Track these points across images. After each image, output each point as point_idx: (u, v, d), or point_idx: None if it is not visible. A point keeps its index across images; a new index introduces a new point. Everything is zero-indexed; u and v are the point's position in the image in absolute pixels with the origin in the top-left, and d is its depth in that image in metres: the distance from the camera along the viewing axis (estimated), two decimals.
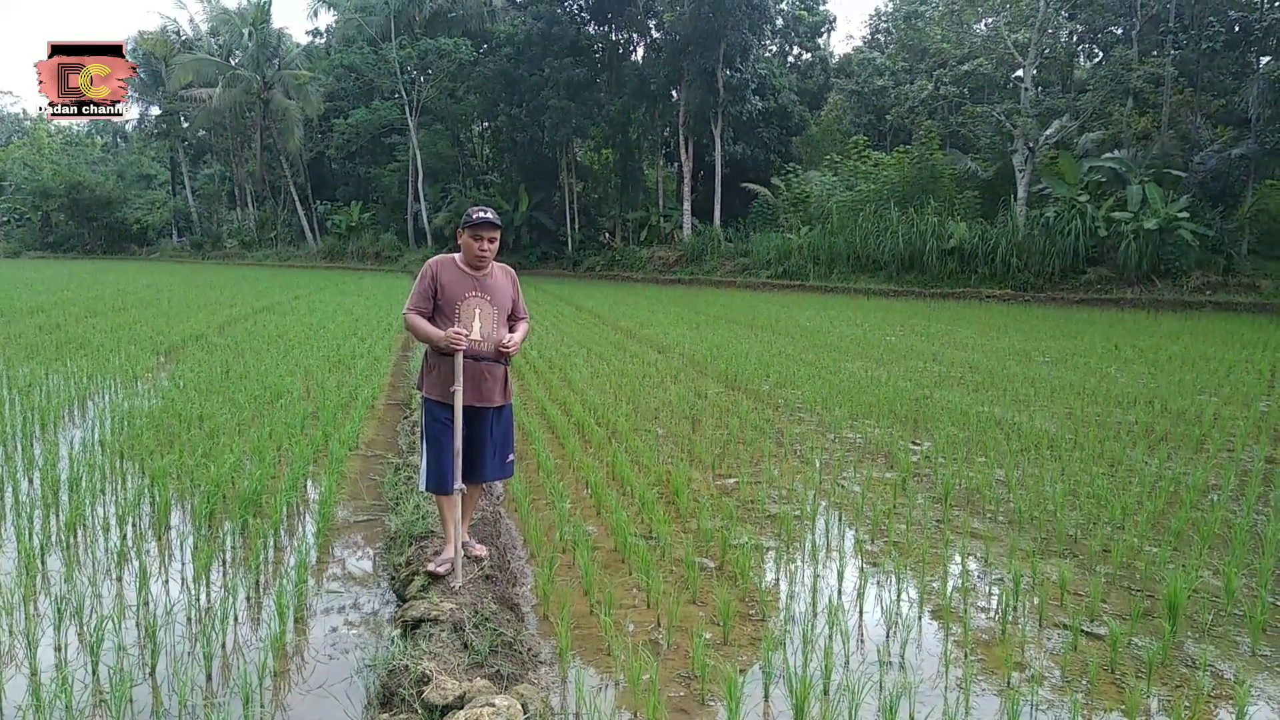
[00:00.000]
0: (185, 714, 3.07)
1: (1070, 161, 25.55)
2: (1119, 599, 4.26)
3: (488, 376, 4.24)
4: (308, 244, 47.01)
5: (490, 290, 4.28)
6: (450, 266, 4.29)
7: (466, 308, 4.20)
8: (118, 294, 21.87)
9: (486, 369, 4.23)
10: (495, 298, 4.29)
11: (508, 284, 4.40)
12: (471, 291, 4.22)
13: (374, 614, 4.03)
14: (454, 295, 4.21)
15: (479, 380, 4.21)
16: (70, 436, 7.03)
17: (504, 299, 4.33)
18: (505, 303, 4.33)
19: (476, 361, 4.19)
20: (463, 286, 4.22)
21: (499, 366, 4.29)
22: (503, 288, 4.34)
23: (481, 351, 4.20)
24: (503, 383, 4.34)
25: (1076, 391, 9.55)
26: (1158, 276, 23.02)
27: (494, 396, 4.28)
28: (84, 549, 4.66)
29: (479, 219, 4.19)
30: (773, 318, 18.35)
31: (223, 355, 11.12)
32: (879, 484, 6.18)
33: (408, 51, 39.64)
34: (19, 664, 3.38)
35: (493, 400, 4.28)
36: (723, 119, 34.28)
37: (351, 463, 6.47)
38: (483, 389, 4.23)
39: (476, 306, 4.22)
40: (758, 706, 3.26)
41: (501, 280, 4.37)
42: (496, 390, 4.29)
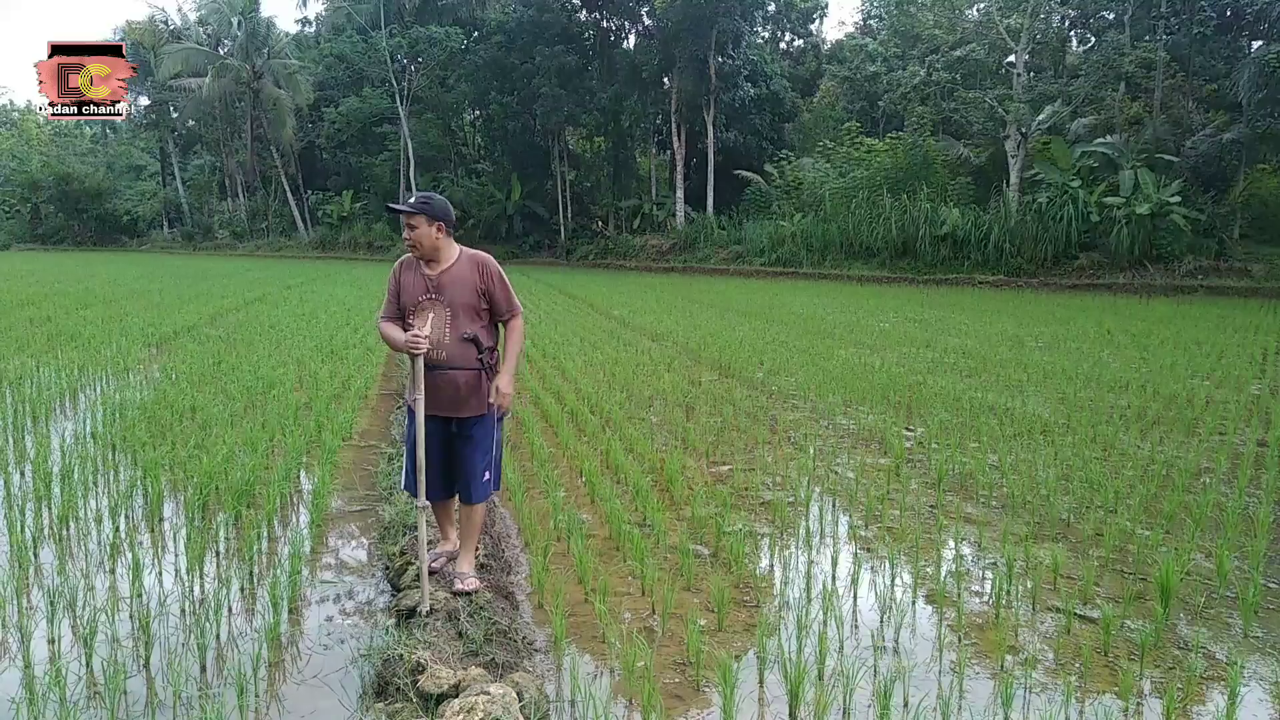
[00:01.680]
0: (180, 705, 3.07)
1: (1063, 147, 25.54)
2: (1112, 582, 4.28)
3: (444, 386, 3.81)
4: (299, 234, 46.80)
5: (444, 288, 3.82)
6: (411, 267, 3.92)
7: (420, 312, 3.82)
8: (108, 286, 21.76)
9: (442, 378, 3.81)
10: (450, 296, 3.82)
11: (471, 277, 3.86)
12: (424, 294, 3.84)
13: (368, 603, 4.03)
14: (408, 299, 3.87)
15: (439, 390, 3.81)
16: (62, 429, 7.01)
17: (462, 295, 3.83)
18: (465, 299, 3.83)
19: (430, 370, 3.77)
20: (418, 289, 3.85)
21: (458, 374, 3.82)
22: (462, 283, 3.84)
23: (436, 359, 3.78)
24: (472, 392, 3.87)
25: (1069, 376, 9.57)
26: (1150, 261, 23.06)
27: (460, 407, 3.87)
28: (76, 541, 4.65)
29: (389, 206, 4.07)
30: (766, 305, 18.35)
31: (215, 346, 11.09)
32: (872, 470, 6.19)
33: (398, 40, 39.40)
34: (12, 657, 3.38)
35: (459, 410, 3.87)
36: (715, 106, 34.17)
37: (345, 453, 6.46)
38: (443, 398, 3.82)
39: (429, 310, 3.80)
40: (752, 692, 3.27)
41: (463, 274, 3.86)
42: (463, 400, 3.85)
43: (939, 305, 18.68)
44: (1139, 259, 23.14)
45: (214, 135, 51.80)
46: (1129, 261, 23.24)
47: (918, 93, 32.82)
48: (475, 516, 4.03)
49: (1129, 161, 24.15)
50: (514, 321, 4.02)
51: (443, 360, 3.81)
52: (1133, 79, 26.96)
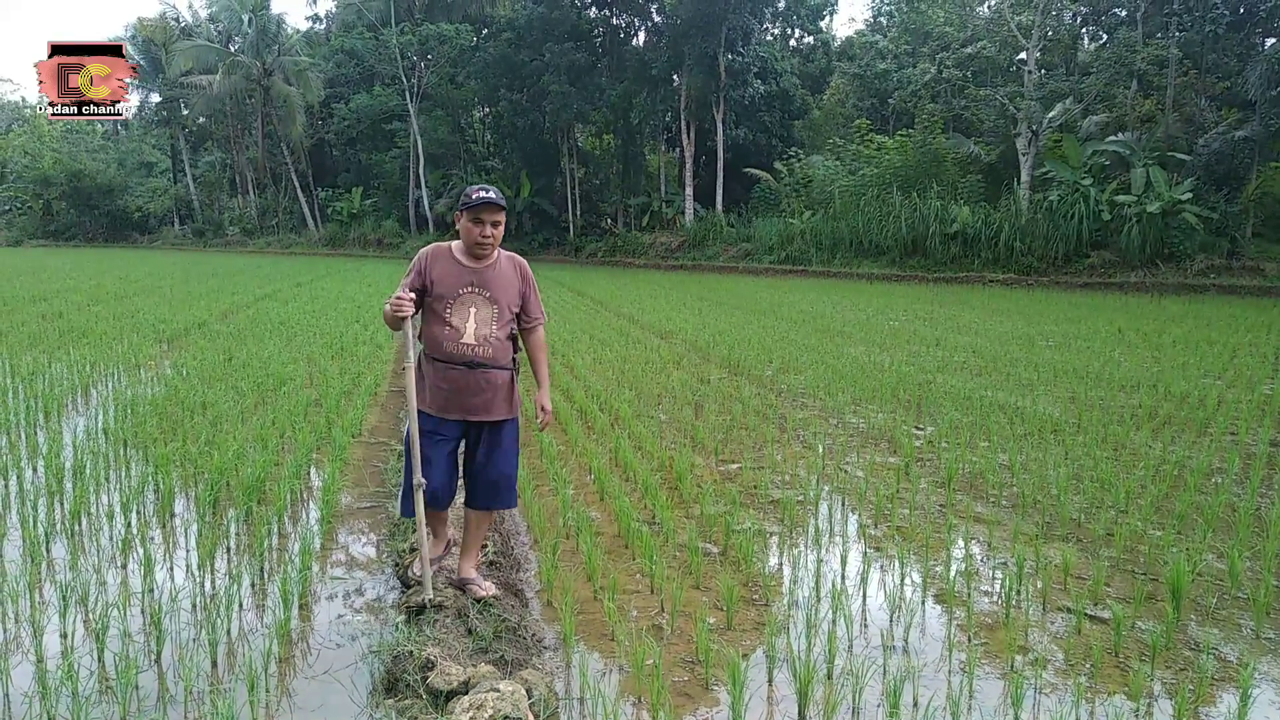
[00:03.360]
0: (191, 700, 3.08)
1: (1074, 145, 25.43)
2: (1122, 582, 4.26)
3: (485, 386, 3.61)
4: (309, 231, 46.94)
5: (490, 284, 3.64)
6: (445, 257, 3.66)
7: (459, 306, 3.58)
8: (120, 282, 21.86)
9: (484, 379, 3.60)
10: (496, 293, 3.64)
11: (514, 277, 3.73)
12: (467, 287, 3.60)
13: (378, 600, 4.04)
14: (446, 292, 3.60)
15: (472, 390, 3.60)
16: (74, 424, 7.04)
17: (507, 295, 3.67)
18: (509, 299, 3.67)
19: (470, 369, 3.57)
20: (457, 281, 3.60)
21: (499, 373, 3.64)
22: (507, 282, 3.69)
23: (480, 357, 3.58)
24: (506, 393, 3.69)
25: (1080, 375, 9.53)
26: (1161, 260, 22.94)
27: (491, 409, 3.66)
28: (88, 536, 4.67)
29: (480, 199, 3.54)
30: (775, 303, 18.32)
31: (225, 343, 11.13)
32: (882, 469, 6.17)
33: (408, 37, 39.47)
34: (25, 651, 3.40)
35: (488, 413, 3.67)
36: (724, 103, 34.12)
37: (355, 450, 6.47)
38: (474, 401, 3.62)
39: (471, 305, 3.59)
40: (761, 690, 3.27)
41: (507, 273, 3.71)
42: (495, 402, 3.66)
43: (949, 303, 18.62)
44: (1151, 257, 23.03)
45: (225, 132, 52.00)
46: (1141, 260, 23.13)
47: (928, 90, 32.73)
48: (487, 521, 3.90)
49: (1141, 159, 24.03)
50: (540, 329, 3.86)
51: (488, 358, 3.60)
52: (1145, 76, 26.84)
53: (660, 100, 36.12)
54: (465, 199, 3.58)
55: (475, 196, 3.56)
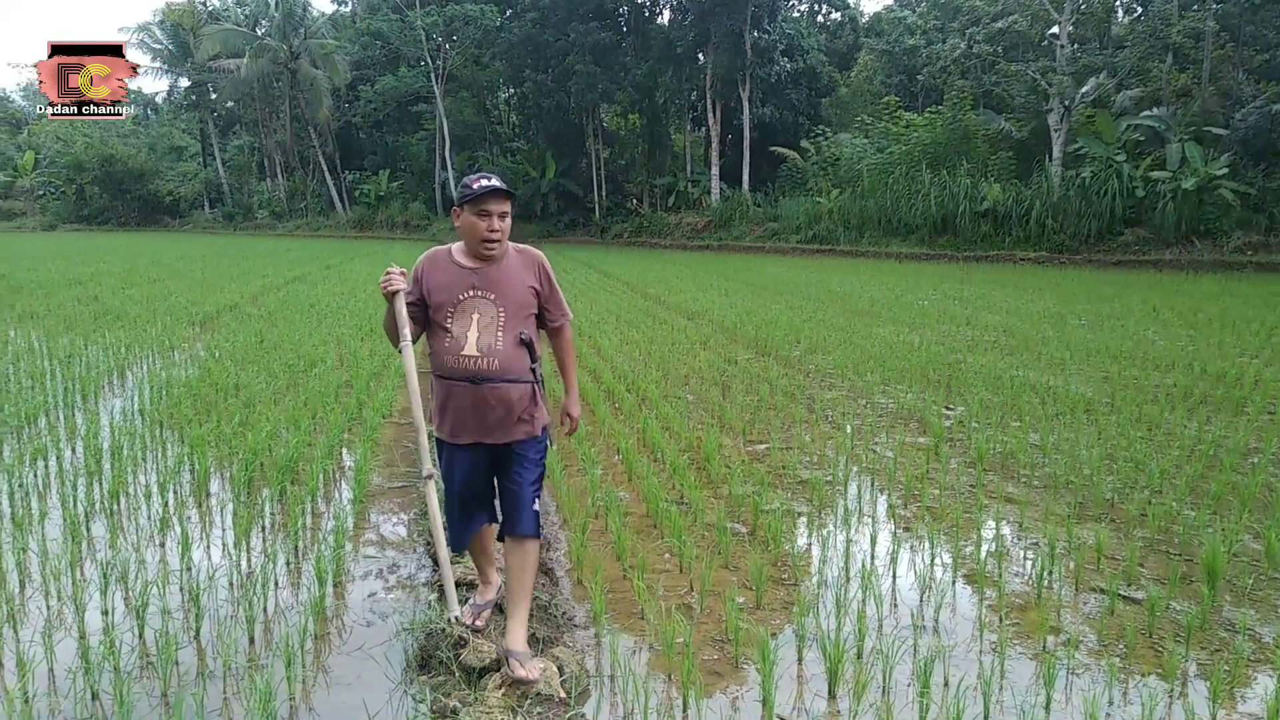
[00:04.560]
0: (230, 676, 3.14)
1: (1107, 120, 24.98)
2: (1157, 563, 4.22)
3: (494, 404, 3.08)
4: (337, 214, 47.24)
5: (494, 284, 3.10)
6: (442, 262, 3.17)
7: (460, 313, 3.07)
8: (152, 265, 22.14)
9: (492, 395, 3.06)
10: (501, 293, 3.10)
11: (525, 274, 3.18)
12: (468, 290, 3.08)
13: (410, 578, 4.08)
14: (446, 299, 3.09)
15: (481, 410, 3.09)
16: (110, 406, 7.16)
17: (516, 294, 3.13)
18: (519, 299, 3.13)
19: (475, 385, 3.05)
20: (457, 285, 3.10)
21: (511, 387, 3.08)
22: (515, 280, 3.14)
23: (483, 370, 3.04)
24: (524, 409, 3.15)
25: (1113, 355, 9.41)
26: (1197, 237, 22.54)
27: (507, 429, 3.13)
28: (127, 515, 4.76)
29: (483, 188, 3.02)
30: (802, 283, 18.22)
31: (257, 325, 11.25)
32: (911, 449, 6.14)
33: (433, 18, 39.45)
34: (68, 627, 3.47)
35: (506, 435, 3.14)
36: (750, 81, 33.85)
37: (385, 430, 6.54)
38: (491, 421, 3.11)
39: (473, 310, 3.07)
40: (791, 669, 3.27)
41: (515, 269, 3.16)
42: (510, 421, 3.12)
43: (979, 282, 18.43)
44: (1186, 234, 22.63)
45: (253, 116, 52.32)
46: (1175, 237, 22.73)
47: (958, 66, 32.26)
48: (528, 559, 3.18)
49: (1176, 134, 23.57)
50: (566, 329, 3.36)
51: (494, 371, 3.05)
52: (1180, 49, 26.26)
53: (686, 79, 35.91)
54: (465, 190, 3.06)
55: (477, 186, 3.04)
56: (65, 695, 2.99)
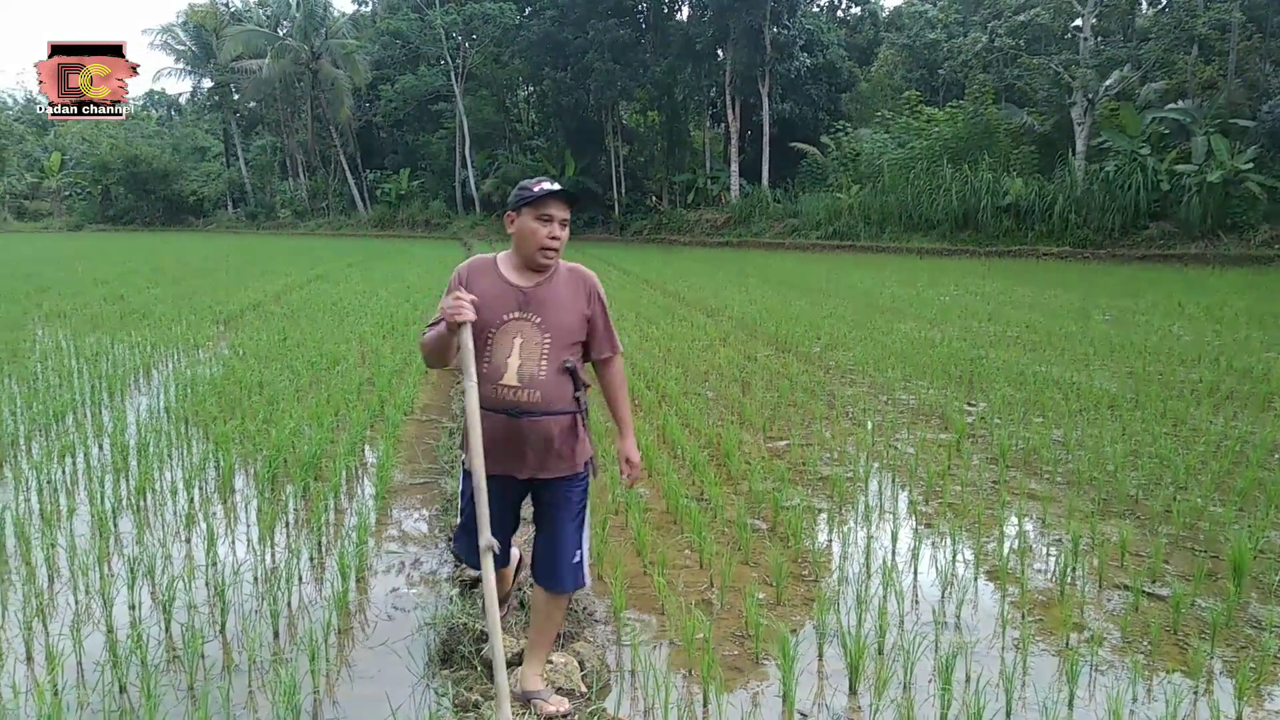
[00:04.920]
0: (255, 669, 3.18)
1: (1131, 113, 24.73)
2: (1182, 560, 4.18)
3: (533, 438, 2.76)
4: (358, 213, 47.53)
5: (540, 306, 2.77)
6: (488, 273, 2.84)
7: (501, 336, 2.75)
8: (177, 265, 22.37)
9: (531, 428, 2.75)
10: (549, 317, 2.77)
11: (576, 296, 2.84)
12: (512, 311, 2.76)
13: (432, 573, 4.11)
14: (488, 318, 2.73)
15: (516, 444, 2.76)
16: (137, 403, 7.25)
17: (565, 319, 2.79)
18: (568, 325, 2.79)
19: (513, 418, 2.73)
20: (501, 303, 2.76)
21: (552, 420, 2.77)
22: (565, 302, 2.81)
23: (523, 402, 2.73)
24: (564, 443, 2.81)
25: (1138, 350, 9.32)
26: (1223, 231, 22.28)
27: (550, 464, 2.81)
28: (153, 511, 4.82)
29: (545, 190, 2.73)
30: (823, 279, 18.16)
31: (280, 323, 11.34)
32: (933, 445, 6.11)
33: (453, 17, 39.59)
34: (96, 622, 3.52)
35: (546, 469, 2.81)
36: (770, 77, 33.72)
37: (407, 427, 6.58)
38: (529, 455, 2.78)
39: (515, 334, 2.75)
40: (811, 665, 3.27)
41: (566, 291, 2.83)
42: (549, 456, 2.80)
43: (1001, 278, 18.30)
44: (1212, 228, 22.38)
45: (275, 116, 52.71)
46: (1201, 231, 22.49)
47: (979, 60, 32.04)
48: (559, 610, 2.97)
49: (1202, 127, 23.29)
50: (616, 362, 3.00)
51: (534, 403, 2.74)
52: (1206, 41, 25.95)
53: (705, 75, 35.83)
54: (524, 192, 2.75)
55: (538, 189, 2.74)
56: (94, 688, 3.03)
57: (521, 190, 2.77)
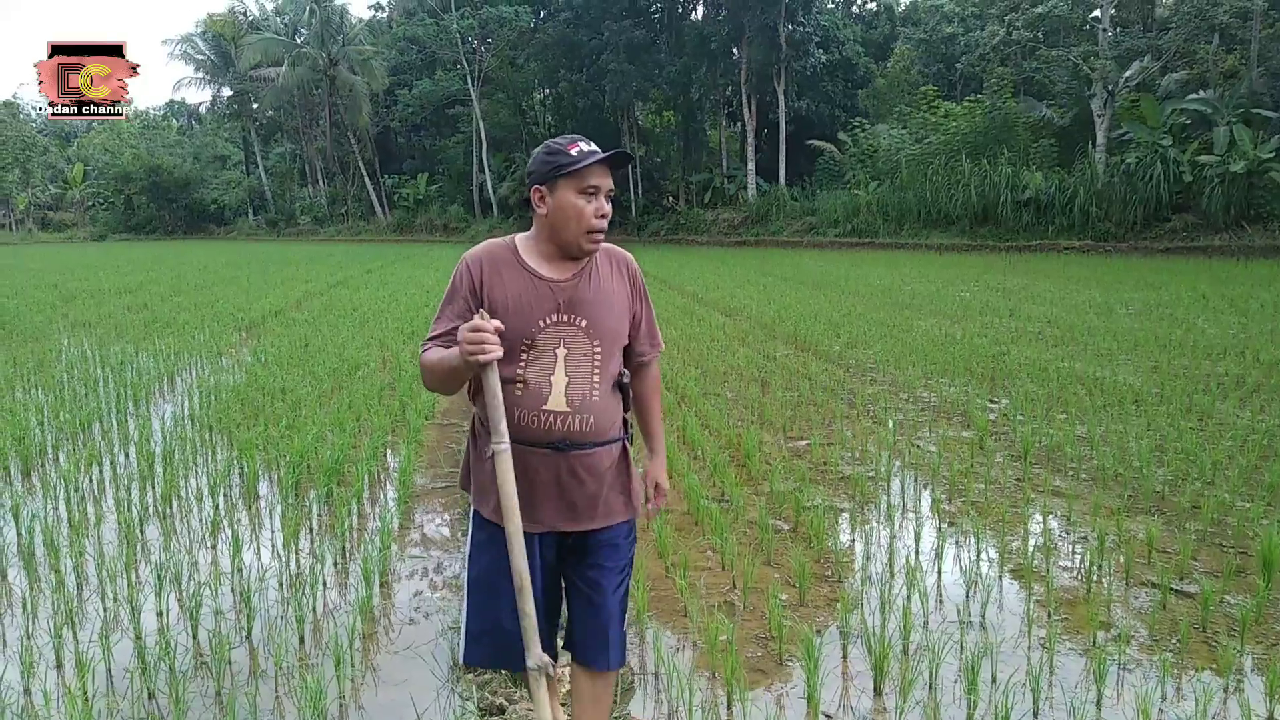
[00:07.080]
0: (281, 675, 3.20)
1: (1152, 104, 24.46)
2: (1210, 556, 4.13)
3: (586, 478, 2.18)
4: (377, 218, 47.78)
5: (585, 305, 2.16)
6: (509, 265, 2.17)
7: (542, 348, 2.13)
8: (199, 273, 22.58)
9: (582, 465, 2.17)
10: (595, 318, 2.16)
11: (620, 287, 2.24)
12: (550, 315, 2.13)
13: (455, 578, 4.12)
14: (518, 326, 2.10)
15: (564, 486, 2.17)
16: (161, 411, 7.33)
17: (612, 319, 2.20)
18: (615, 326, 2.21)
19: (560, 453, 2.14)
20: (535, 305, 2.13)
21: (605, 452, 2.21)
22: (611, 297, 2.21)
23: (572, 432, 2.13)
24: (616, 479, 2.26)
25: (1162, 344, 9.23)
26: (1247, 222, 22.01)
27: (594, 510, 2.22)
28: (179, 519, 4.86)
29: (586, 154, 2.11)
30: (842, 277, 18.09)
31: (301, 330, 11.42)
32: (955, 443, 6.07)
33: (468, 21, 39.76)
34: (124, 629, 3.56)
35: (594, 518, 2.22)
36: (786, 75, 33.62)
37: (428, 432, 6.61)
38: (579, 501, 2.19)
39: (557, 345, 2.13)
40: (836, 667, 3.26)
41: (610, 283, 2.22)
42: (600, 498, 2.22)
43: (1022, 273, 18.16)
44: (1236, 219, 22.11)
45: (293, 123, 53.05)
46: (1225, 222, 22.22)
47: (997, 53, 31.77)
48: (606, 694, 2.40)
49: (1224, 117, 23.02)
50: (655, 365, 2.44)
51: (588, 433, 2.16)
52: (1227, 30, 25.63)
53: (720, 74, 35.78)
54: (558, 158, 2.11)
55: (576, 151, 2.11)
56: (123, 695, 3.07)
57: (553, 155, 2.11)
